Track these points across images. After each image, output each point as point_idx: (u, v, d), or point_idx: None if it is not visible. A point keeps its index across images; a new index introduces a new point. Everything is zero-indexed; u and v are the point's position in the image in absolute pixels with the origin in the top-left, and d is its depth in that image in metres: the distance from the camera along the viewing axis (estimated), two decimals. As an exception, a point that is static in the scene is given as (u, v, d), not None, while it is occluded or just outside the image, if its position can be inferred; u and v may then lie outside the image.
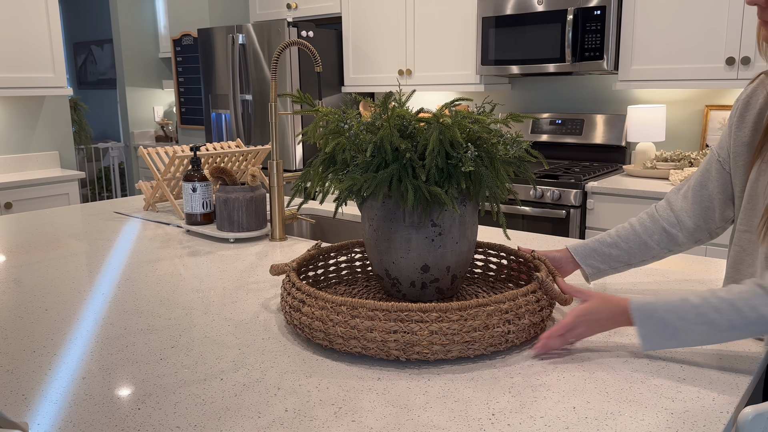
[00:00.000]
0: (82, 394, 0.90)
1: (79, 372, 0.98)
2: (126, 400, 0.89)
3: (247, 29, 3.88)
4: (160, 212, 2.19)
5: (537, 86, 3.55)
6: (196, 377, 0.95)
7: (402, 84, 3.73)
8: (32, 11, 3.46)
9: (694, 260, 1.54)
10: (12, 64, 3.41)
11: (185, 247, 1.74)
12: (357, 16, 3.88)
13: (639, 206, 2.68)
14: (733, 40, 2.61)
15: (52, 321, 1.20)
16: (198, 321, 1.19)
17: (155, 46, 5.53)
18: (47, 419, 0.84)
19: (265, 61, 3.82)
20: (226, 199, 1.78)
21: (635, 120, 2.99)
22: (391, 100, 1.11)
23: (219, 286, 1.40)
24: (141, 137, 5.53)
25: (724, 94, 2.95)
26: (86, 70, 7.04)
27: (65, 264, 1.59)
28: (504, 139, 1.13)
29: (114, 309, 1.26)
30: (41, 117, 3.80)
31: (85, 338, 1.11)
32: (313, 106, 1.22)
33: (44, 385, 0.93)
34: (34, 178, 3.43)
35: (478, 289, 1.29)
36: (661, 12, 2.78)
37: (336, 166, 1.14)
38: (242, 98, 3.97)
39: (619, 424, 0.81)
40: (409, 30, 3.64)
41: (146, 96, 5.55)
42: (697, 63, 2.72)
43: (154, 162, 2.06)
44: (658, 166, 2.90)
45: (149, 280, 1.45)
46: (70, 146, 3.96)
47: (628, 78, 2.90)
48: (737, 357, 1.00)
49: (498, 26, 3.19)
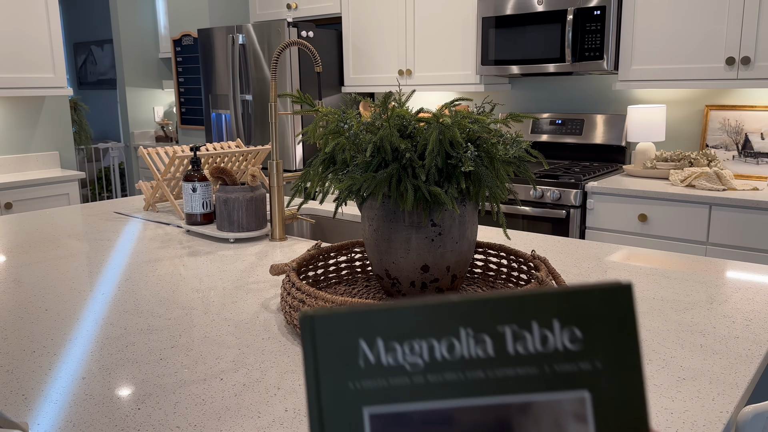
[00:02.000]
0: (82, 394, 0.90)
1: (79, 372, 0.98)
2: (126, 400, 0.89)
3: (247, 29, 3.88)
4: (160, 212, 2.19)
5: (537, 86, 3.55)
6: (196, 377, 0.95)
7: (402, 84, 3.73)
8: (32, 11, 3.46)
9: (694, 260, 1.54)
10: (12, 64, 3.41)
11: (185, 247, 1.74)
12: (357, 16, 3.88)
13: (639, 206, 2.68)
14: (733, 40, 2.61)
15: (52, 321, 1.20)
16: (198, 321, 1.19)
17: (155, 47, 5.53)
18: (47, 419, 0.84)
19: (265, 61, 3.82)
20: (226, 199, 1.78)
21: (635, 120, 2.99)
22: (390, 100, 1.11)
23: (219, 286, 1.40)
24: (141, 137, 5.54)
25: (724, 94, 2.95)
26: (86, 71, 7.04)
27: (65, 264, 1.59)
28: (504, 139, 1.13)
29: (114, 309, 1.26)
30: (41, 117, 3.80)
31: (85, 338, 1.11)
32: (313, 106, 1.22)
33: (44, 385, 0.93)
34: (34, 179, 3.43)
35: (478, 289, 1.29)
36: (661, 12, 2.78)
37: (336, 166, 1.14)
38: (242, 98, 3.97)
39: (618, 423, 0.81)
40: (409, 30, 3.64)
41: (146, 96, 5.55)
42: (697, 63, 2.72)
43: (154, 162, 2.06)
44: (658, 166, 2.90)
45: (149, 280, 1.45)
46: (71, 146, 3.96)
47: (628, 78, 2.90)
48: (737, 357, 1.00)
49: (498, 26, 3.19)
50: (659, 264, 1.50)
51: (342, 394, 0.44)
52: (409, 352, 0.44)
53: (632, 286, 0.44)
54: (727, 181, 2.57)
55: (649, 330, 1.12)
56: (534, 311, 0.44)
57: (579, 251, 1.64)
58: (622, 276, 1.42)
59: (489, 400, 0.44)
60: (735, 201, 2.46)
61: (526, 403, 0.43)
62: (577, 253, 1.62)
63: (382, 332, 0.44)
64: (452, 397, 0.44)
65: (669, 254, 1.60)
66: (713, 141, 2.95)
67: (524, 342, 0.44)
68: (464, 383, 0.44)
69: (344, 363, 0.45)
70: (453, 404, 0.44)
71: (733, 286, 1.35)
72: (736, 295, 1.29)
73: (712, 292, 1.31)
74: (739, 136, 2.87)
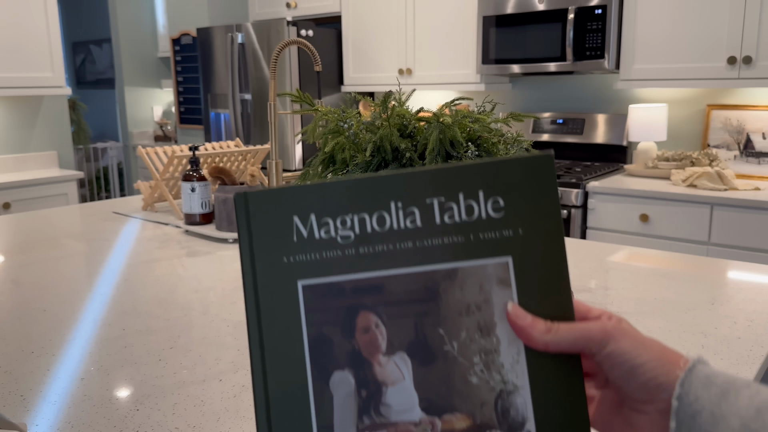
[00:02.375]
0: (81, 395, 0.90)
1: (78, 373, 0.97)
2: (125, 401, 0.88)
3: (246, 28, 3.87)
4: (158, 212, 2.18)
5: (538, 85, 3.54)
6: (195, 378, 0.95)
7: (402, 83, 3.72)
8: (31, 10, 3.45)
9: (694, 260, 1.53)
10: (10, 63, 3.40)
11: (184, 248, 1.73)
12: (357, 14, 3.87)
13: (641, 206, 2.68)
14: (734, 40, 2.61)
15: (50, 322, 1.19)
16: (197, 322, 1.18)
17: (154, 46, 5.52)
18: (46, 420, 0.83)
19: (265, 60, 3.81)
20: (225, 199, 1.77)
21: (636, 119, 2.98)
22: (390, 100, 1.10)
23: (218, 287, 1.39)
24: (140, 137, 5.53)
25: (725, 94, 2.94)
26: (85, 70, 7.03)
27: (64, 264, 1.58)
28: (505, 139, 1.12)
29: (112, 310, 1.25)
30: (39, 117, 3.79)
31: (84, 339, 1.10)
32: (313, 105, 1.21)
33: (43, 386, 0.93)
34: (32, 178, 3.42)
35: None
36: (663, 11, 2.78)
37: (335, 166, 1.13)
38: (241, 98, 3.96)
39: None
40: (409, 29, 3.63)
41: (145, 95, 5.54)
42: (698, 62, 2.72)
43: (152, 162, 2.06)
44: (659, 165, 2.90)
45: (148, 280, 1.44)
46: (69, 146, 3.95)
47: (630, 77, 2.89)
48: (739, 358, 1.00)
49: (499, 25, 3.18)
50: (661, 264, 1.50)
51: (276, 268, 0.45)
52: (341, 227, 0.45)
53: (552, 156, 0.46)
54: (728, 181, 2.56)
55: (650, 330, 1.11)
56: (460, 183, 0.45)
57: (580, 251, 1.63)
58: (624, 276, 1.41)
59: (417, 269, 0.45)
60: (737, 201, 2.46)
61: (452, 270, 0.45)
62: (579, 253, 1.61)
63: (315, 208, 0.45)
64: (383, 268, 0.45)
65: (670, 254, 1.59)
66: (715, 141, 2.95)
67: (451, 212, 0.45)
68: (394, 254, 0.45)
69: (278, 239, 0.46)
70: (383, 274, 0.45)
71: (735, 286, 1.34)
72: (738, 296, 1.28)
73: (714, 293, 1.30)
74: (741, 135, 2.87)
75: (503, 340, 0.44)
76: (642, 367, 0.43)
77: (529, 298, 0.45)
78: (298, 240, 0.45)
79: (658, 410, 0.42)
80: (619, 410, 0.46)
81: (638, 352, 0.43)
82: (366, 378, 0.44)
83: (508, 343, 0.44)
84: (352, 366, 0.44)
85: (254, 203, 0.46)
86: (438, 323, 0.45)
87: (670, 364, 0.43)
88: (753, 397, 0.39)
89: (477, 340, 0.44)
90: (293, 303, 0.45)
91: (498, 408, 0.44)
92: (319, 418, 0.44)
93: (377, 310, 0.45)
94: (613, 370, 0.44)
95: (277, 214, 0.46)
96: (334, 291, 0.45)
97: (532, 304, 0.44)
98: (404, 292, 0.45)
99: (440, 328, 0.45)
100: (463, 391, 0.44)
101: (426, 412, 0.44)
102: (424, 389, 0.44)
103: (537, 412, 0.43)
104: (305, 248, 0.45)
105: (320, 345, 0.44)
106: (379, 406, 0.44)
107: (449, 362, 0.44)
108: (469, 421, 0.44)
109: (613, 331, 0.44)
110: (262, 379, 0.45)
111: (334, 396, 0.44)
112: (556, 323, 0.44)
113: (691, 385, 0.41)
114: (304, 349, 0.44)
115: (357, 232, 0.45)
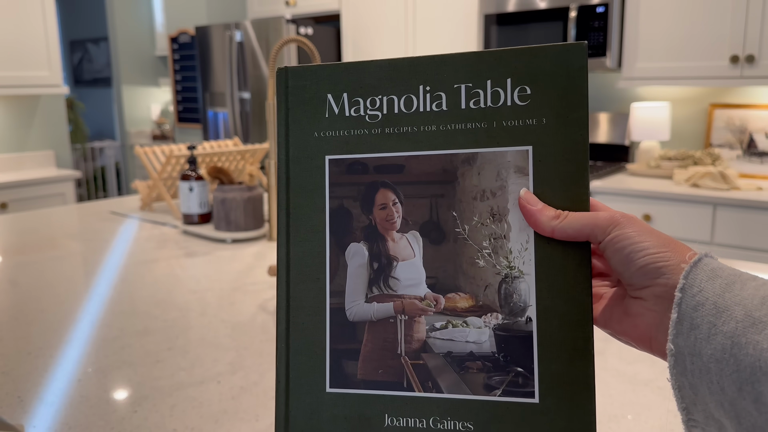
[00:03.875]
0: (78, 397, 0.88)
1: (76, 374, 0.95)
2: (122, 403, 0.86)
3: (245, 26, 3.86)
4: (156, 212, 2.16)
5: (537, 85, 3.52)
6: (193, 380, 0.93)
7: (401, 82, 3.70)
8: (28, 9, 3.43)
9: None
10: (7, 62, 3.37)
11: (182, 248, 1.71)
12: (356, 12, 3.85)
13: (643, 206, 2.66)
14: (737, 38, 2.60)
15: (47, 322, 1.17)
16: (195, 323, 1.17)
17: (152, 44, 5.50)
18: (43, 421, 0.82)
19: (263, 58, 3.80)
20: (223, 198, 1.76)
21: (639, 118, 2.97)
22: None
23: (216, 288, 1.37)
24: (137, 136, 5.50)
25: (728, 93, 2.93)
26: (82, 69, 7.01)
27: (61, 265, 1.56)
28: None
29: (110, 310, 1.24)
30: (37, 116, 3.77)
31: (81, 340, 1.09)
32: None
33: (40, 387, 0.91)
34: (29, 178, 3.40)
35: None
36: (665, 9, 2.76)
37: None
38: (240, 96, 3.95)
39: (622, 427, 0.79)
40: (410, 27, 3.62)
41: (143, 94, 5.52)
42: (701, 61, 2.70)
43: (150, 161, 2.04)
44: (662, 165, 2.88)
45: (145, 281, 1.43)
46: (66, 145, 3.93)
47: (632, 76, 2.88)
48: (749, 359, 0.98)
49: (500, 23, 3.17)
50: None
51: (307, 142, 0.48)
52: (371, 106, 0.47)
53: (585, 46, 0.45)
54: (731, 181, 2.55)
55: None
56: (489, 70, 0.46)
57: (583, 251, 1.61)
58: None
59: (439, 152, 0.46)
60: (739, 201, 2.44)
61: (472, 155, 0.46)
62: (582, 253, 1.59)
63: (348, 87, 0.47)
64: (405, 149, 0.47)
65: (674, 254, 1.57)
66: (717, 140, 2.93)
67: (477, 99, 0.46)
68: (417, 135, 0.47)
69: (311, 114, 0.48)
70: (405, 154, 0.47)
71: (742, 286, 1.33)
72: (745, 296, 1.27)
73: (721, 293, 1.29)
74: (744, 135, 2.85)
75: (514, 227, 0.45)
76: (643, 251, 0.42)
77: (546, 188, 0.45)
78: (330, 116, 0.48)
79: (655, 294, 0.42)
80: (620, 303, 0.45)
81: (642, 237, 0.42)
82: (379, 251, 0.47)
83: (519, 230, 0.45)
84: (368, 239, 0.47)
85: (294, 78, 0.48)
86: (452, 206, 0.46)
87: (673, 251, 0.42)
88: (759, 288, 0.38)
89: (488, 225, 0.45)
90: (319, 176, 0.47)
91: (501, 292, 0.45)
92: (332, 283, 0.47)
93: (396, 189, 0.47)
94: (614, 256, 0.43)
95: (313, 91, 0.48)
96: (358, 167, 0.47)
97: (548, 194, 0.45)
98: (423, 173, 0.46)
99: (454, 211, 0.46)
100: (469, 272, 0.45)
101: (432, 288, 0.46)
102: (432, 267, 0.46)
103: (540, 299, 0.44)
104: (335, 125, 0.48)
105: (340, 217, 0.47)
106: (388, 279, 0.46)
107: (459, 244, 0.46)
108: (471, 301, 0.45)
109: (621, 218, 0.43)
110: (285, 244, 0.47)
111: (348, 265, 0.47)
112: (566, 212, 0.44)
113: (696, 278, 0.40)
114: (325, 219, 0.47)
115: (384, 112, 0.47)
